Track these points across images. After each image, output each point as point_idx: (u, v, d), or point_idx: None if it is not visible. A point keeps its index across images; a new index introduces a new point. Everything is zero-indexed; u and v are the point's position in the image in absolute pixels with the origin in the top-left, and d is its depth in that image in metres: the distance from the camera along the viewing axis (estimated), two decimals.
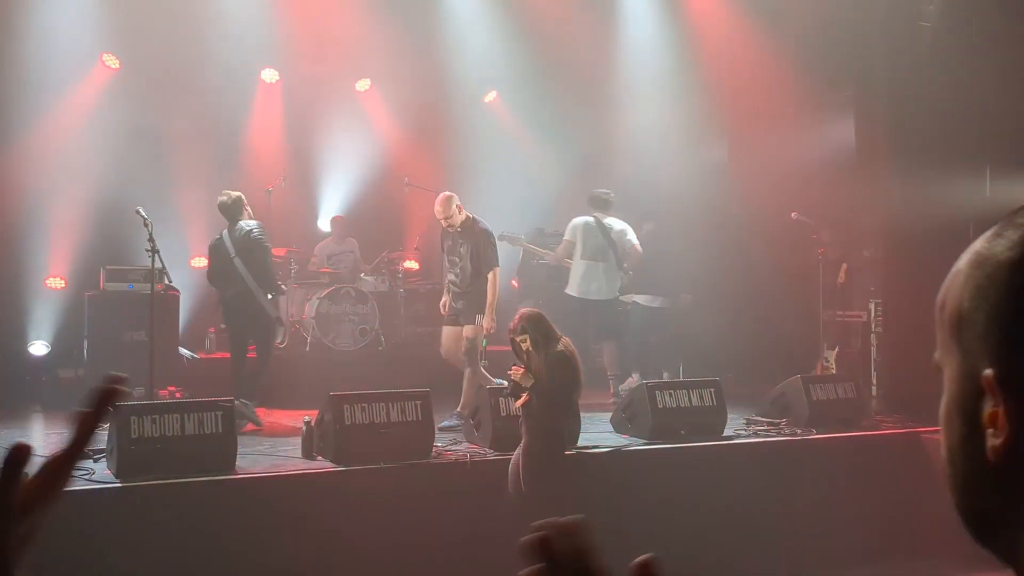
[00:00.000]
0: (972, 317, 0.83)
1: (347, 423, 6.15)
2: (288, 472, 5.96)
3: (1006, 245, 0.83)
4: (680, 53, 11.57)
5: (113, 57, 10.69)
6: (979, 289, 0.83)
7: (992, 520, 0.84)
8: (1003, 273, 0.82)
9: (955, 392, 0.85)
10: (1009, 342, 0.80)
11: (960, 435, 0.84)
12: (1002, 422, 0.79)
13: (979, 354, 0.82)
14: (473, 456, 6.39)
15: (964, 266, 0.86)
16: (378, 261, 10.94)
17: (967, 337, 0.83)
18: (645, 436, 7.06)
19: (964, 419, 0.84)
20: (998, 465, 0.80)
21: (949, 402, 0.86)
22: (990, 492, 0.82)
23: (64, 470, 0.96)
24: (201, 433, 5.69)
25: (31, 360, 9.40)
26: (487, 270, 7.73)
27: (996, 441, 0.80)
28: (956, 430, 0.85)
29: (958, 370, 0.85)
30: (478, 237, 7.80)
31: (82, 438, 0.97)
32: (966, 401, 0.83)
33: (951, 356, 0.85)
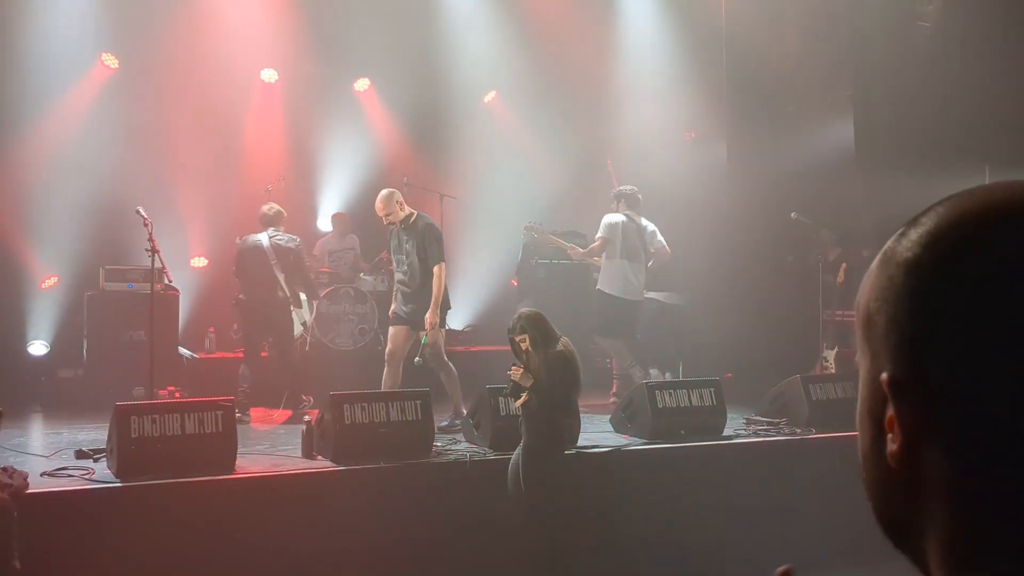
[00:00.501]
0: (875, 319, 0.81)
1: (347, 422, 6.15)
2: (288, 472, 5.96)
3: (906, 245, 0.81)
4: (679, 53, 11.60)
5: (112, 57, 10.69)
6: (881, 290, 0.81)
7: (901, 525, 0.82)
8: (900, 274, 0.80)
9: (865, 395, 0.83)
10: (902, 345, 0.78)
11: (870, 439, 0.82)
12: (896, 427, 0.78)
13: (881, 356, 0.80)
14: (472, 456, 6.40)
15: (874, 266, 0.84)
16: (377, 261, 10.93)
17: (872, 338, 0.82)
18: (645, 436, 7.07)
19: (872, 422, 0.82)
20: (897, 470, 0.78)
21: (861, 404, 0.84)
22: (895, 497, 0.81)
23: None
24: (201, 433, 5.69)
25: (30, 360, 9.41)
26: (433, 264, 7.58)
27: (893, 446, 0.78)
28: (867, 433, 0.83)
29: (867, 372, 0.83)
30: (423, 232, 7.64)
31: None
32: (874, 404, 0.81)
33: (864, 357, 0.83)
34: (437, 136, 12.21)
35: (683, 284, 10.21)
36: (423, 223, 7.72)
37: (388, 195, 7.68)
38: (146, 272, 7.82)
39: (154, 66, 10.62)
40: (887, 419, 0.79)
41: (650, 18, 11.98)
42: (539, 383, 5.48)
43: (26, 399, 8.68)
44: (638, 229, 9.11)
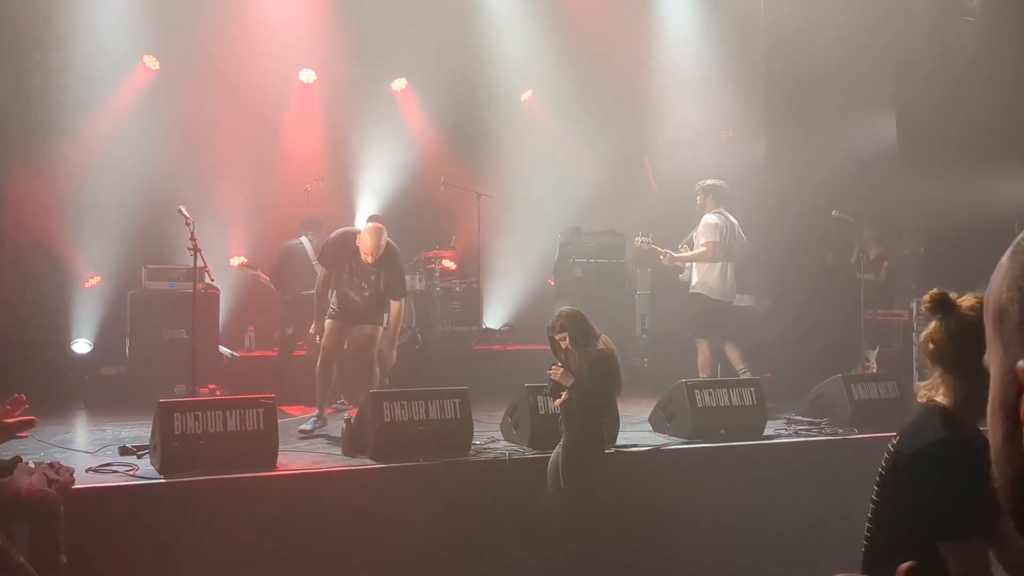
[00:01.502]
0: (1009, 309, 0.79)
1: (387, 420, 6.18)
2: (328, 469, 6.00)
3: None
4: (717, 50, 11.52)
5: (153, 59, 10.82)
6: (1014, 280, 0.79)
7: None
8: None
9: (998, 389, 0.81)
10: None
11: (1003, 434, 0.80)
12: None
13: (1016, 347, 0.77)
14: (511, 454, 6.39)
15: (1005, 259, 0.82)
16: (415, 260, 10.97)
17: (1006, 330, 0.79)
18: (684, 435, 7.03)
19: (1006, 416, 0.79)
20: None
21: (993, 400, 0.82)
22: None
23: None
24: (243, 430, 5.74)
25: (74, 358, 9.55)
26: (397, 298, 7.56)
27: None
28: (999, 429, 0.80)
29: (1000, 366, 0.80)
30: (395, 266, 7.51)
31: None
32: (1008, 398, 0.79)
33: (995, 352, 0.80)
34: (474, 135, 12.23)
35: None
36: (393, 255, 7.52)
37: (379, 233, 7.30)
38: (188, 271, 7.89)
39: (194, 68, 10.74)
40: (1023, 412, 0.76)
41: (687, 15, 11.91)
42: (579, 382, 5.46)
43: (70, 396, 8.82)
44: (731, 226, 8.85)
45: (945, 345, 2.53)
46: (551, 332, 5.70)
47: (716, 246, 8.62)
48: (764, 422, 7.30)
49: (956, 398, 2.54)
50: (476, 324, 11.12)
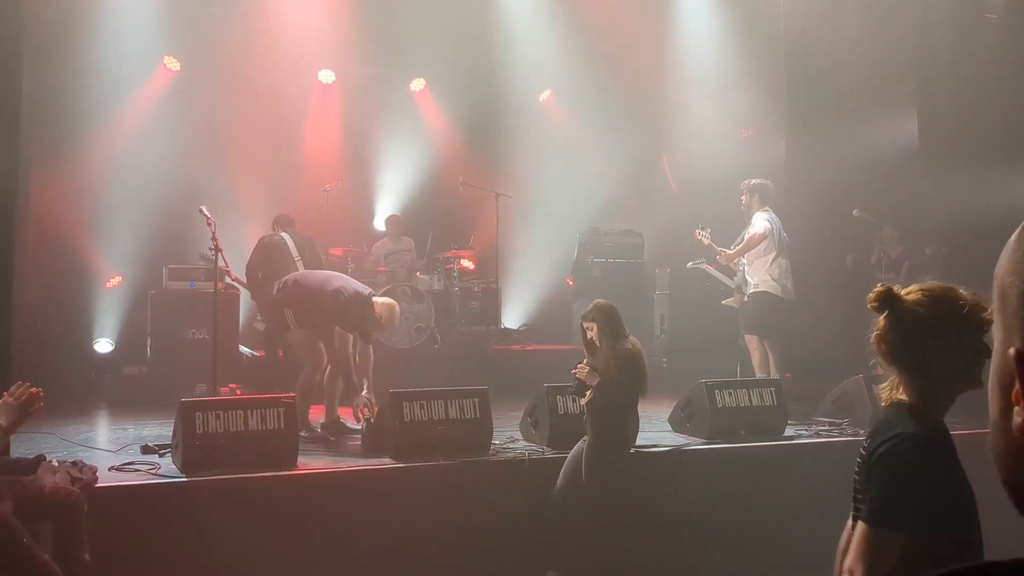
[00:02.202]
0: (1008, 293, 0.81)
1: (406, 420, 6.19)
2: (349, 468, 6.01)
3: None
4: (736, 49, 11.47)
5: (174, 60, 10.90)
6: (1016, 264, 0.81)
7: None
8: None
9: (996, 366, 0.84)
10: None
11: (999, 409, 0.83)
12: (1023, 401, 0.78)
13: (1013, 330, 0.80)
14: (531, 454, 6.39)
15: (1013, 240, 0.84)
16: (434, 260, 10.99)
17: (1007, 312, 0.81)
18: (704, 436, 7.00)
19: (1002, 393, 0.82)
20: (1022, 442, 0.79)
21: (992, 376, 0.85)
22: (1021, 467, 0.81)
23: None
24: (264, 429, 5.76)
25: (96, 358, 9.62)
26: None
27: (1018, 419, 0.78)
28: (995, 404, 0.84)
29: (1000, 344, 0.83)
30: None
31: None
32: (1004, 376, 0.81)
33: (997, 330, 0.84)
34: (492, 135, 12.25)
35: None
36: None
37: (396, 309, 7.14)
38: (208, 271, 7.94)
39: (215, 68, 10.81)
40: (1014, 393, 0.79)
41: (706, 14, 11.87)
42: (605, 381, 5.47)
43: (92, 396, 8.89)
44: (779, 225, 8.77)
45: (899, 344, 2.49)
46: (582, 320, 5.72)
47: (762, 235, 8.50)
48: (784, 422, 7.27)
49: (918, 395, 2.49)
50: (495, 324, 11.14)
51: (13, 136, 7.23)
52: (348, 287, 7.06)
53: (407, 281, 10.42)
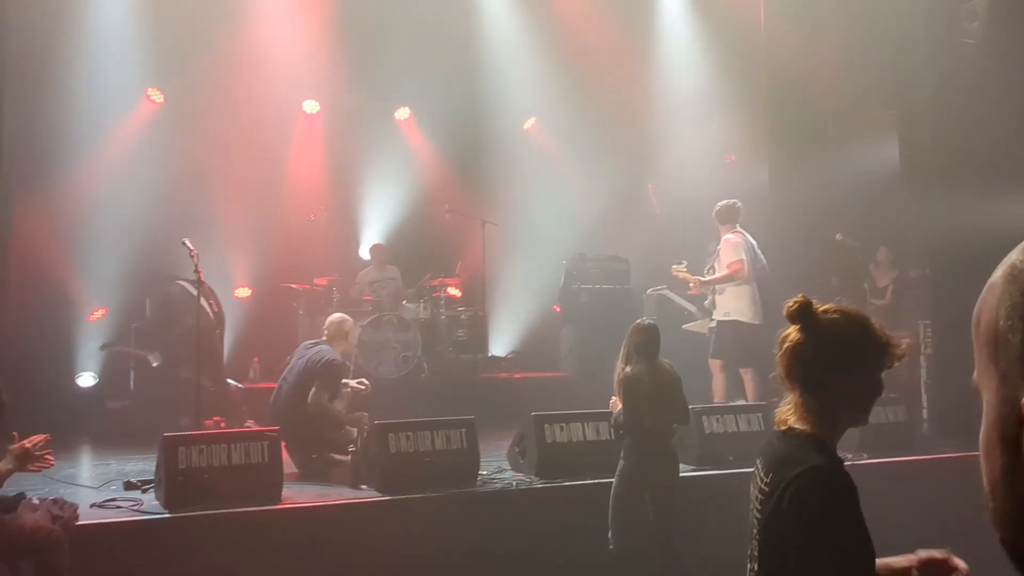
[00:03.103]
0: (1008, 338, 0.75)
1: (392, 452, 6.14)
2: (334, 502, 5.95)
3: None
4: (718, 77, 11.55)
5: (158, 91, 10.89)
6: (1015, 307, 0.75)
7: None
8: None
9: (994, 418, 0.77)
10: None
11: (1001, 466, 0.77)
12: None
13: (1018, 378, 0.74)
14: (519, 484, 6.34)
15: (999, 280, 0.77)
16: (420, 288, 10.96)
17: (1004, 358, 0.76)
18: (692, 462, 6.97)
19: (1005, 448, 0.76)
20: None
21: (988, 429, 0.78)
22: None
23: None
24: (248, 463, 5.70)
25: (79, 392, 9.52)
26: None
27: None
28: (997, 460, 0.77)
29: (996, 394, 0.77)
30: None
31: None
32: (1006, 429, 0.75)
33: (989, 378, 0.77)
34: (478, 163, 12.27)
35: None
36: None
37: None
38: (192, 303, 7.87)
39: (199, 99, 10.80)
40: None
41: (689, 43, 11.95)
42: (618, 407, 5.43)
43: (75, 431, 8.76)
44: (752, 246, 8.65)
45: (807, 362, 2.31)
46: None
47: (744, 263, 8.42)
48: None
49: (816, 423, 2.31)
50: (482, 352, 11.10)
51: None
52: None
53: (393, 310, 10.38)
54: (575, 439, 6.66)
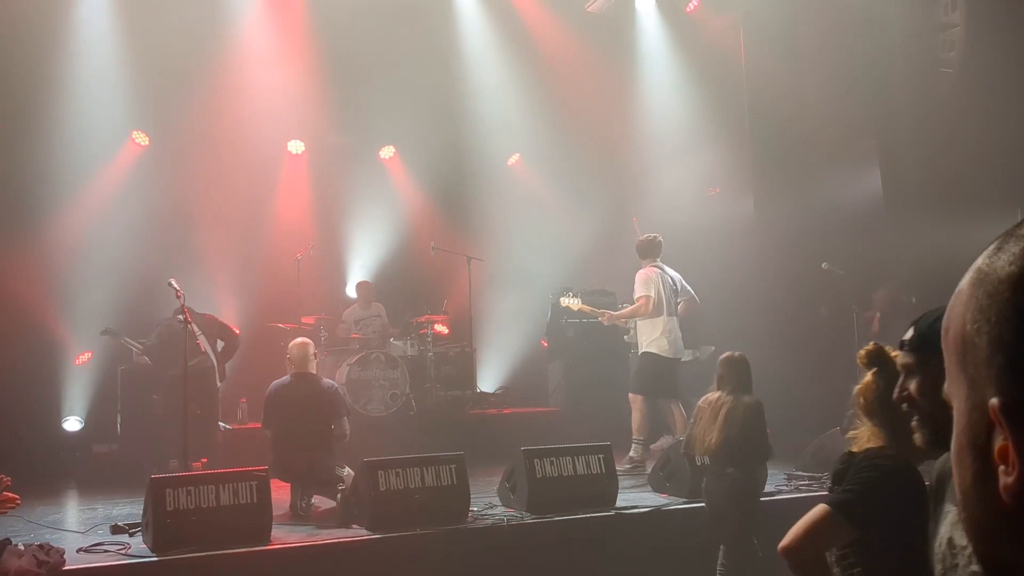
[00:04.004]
0: (975, 341, 0.74)
1: (382, 489, 6.09)
2: (324, 541, 5.89)
3: (1007, 260, 0.74)
4: (701, 110, 11.66)
5: (143, 134, 10.92)
6: (981, 310, 0.74)
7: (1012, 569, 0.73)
8: (1004, 290, 0.73)
9: (964, 426, 0.76)
10: (1014, 367, 0.71)
11: (972, 474, 0.75)
12: (1012, 457, 0.70)
13: (985, 382, 0.73)
14: (510, 520, 6.29)
15: (966, 285, 0.77)
16: (407, 325, 10.95)
17: (971, 363, 0.74)
18: (684, 495, 6.93)
19: (975, 456, 0.74)
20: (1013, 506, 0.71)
21: (958, 437, 0.77)
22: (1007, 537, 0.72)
23: None
24: (236, 504, 5.65)
25: (66, 436, 9.44)
26: None
27: (1008, 479, 0.71)
28: (968, 468, 0.76)
29: (965, 401, 0.76)
30: None
31: None
32: (976, 436, 0.74)
33: (958, 386, 0.76)
34: (463, 200, 12.31)
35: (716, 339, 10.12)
36: None
37: None
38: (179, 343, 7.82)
39: (183, 142, 10.83)
40: (998, 449, 0.72)
41: (671, 76, 12.08)
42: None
43: (62, 475, 8.69)
44: (669, 280, 8.69)
45: (878, 398, 2.61)
46: None
47: (650, 299, 8.45)
48: (765, 479, 7.21)
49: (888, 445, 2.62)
50: (470, 388, 11.06)
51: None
52: None
53: (380, 347, 10.35)
54: (565, 473, 6.62)
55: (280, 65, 11.05)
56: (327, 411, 7.02)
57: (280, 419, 7.05)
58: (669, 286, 8.63)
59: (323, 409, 7.01)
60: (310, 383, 7.12)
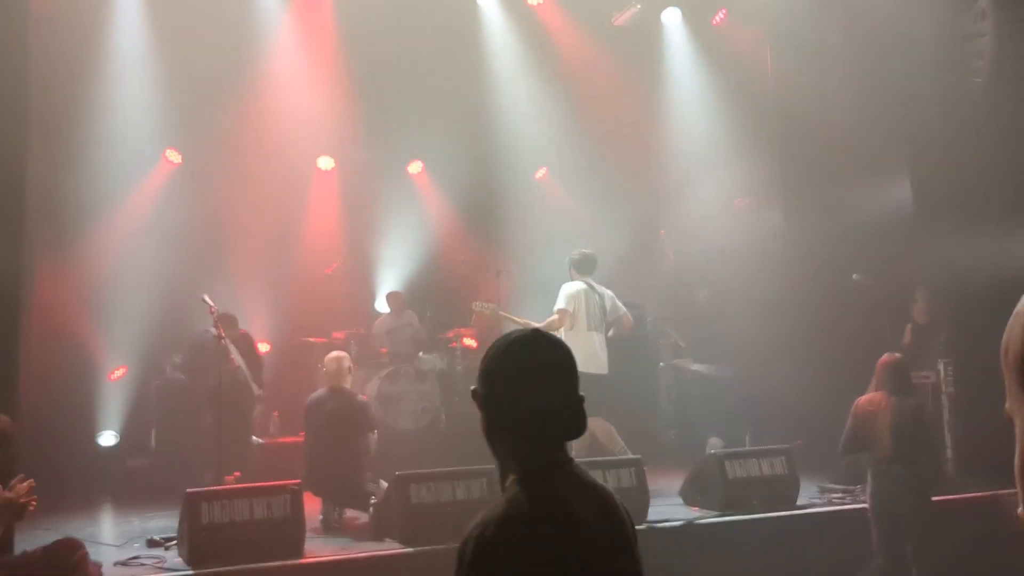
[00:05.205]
0: None
1: (413, 502, 6.12)
2: (356, 555, 5.93)
3: None
4: (728, 122, 11.63)
5: (175, 152, 11.06)
6: None
7: None
8: None
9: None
10: None
11: None
12: None
13: None
14: None
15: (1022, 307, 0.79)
16: (436, 339, 10.98)
17: None
18: (716, 508, 6.91)
19: None
20: None
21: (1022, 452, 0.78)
22: None
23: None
24: (270, 517, 5.70)
25: (101, 451, 9.54)
26: None
27: None
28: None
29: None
30: None
31: None
32: None
33: (1020, 404, 0.77)
34: (491, 213, 12.33)
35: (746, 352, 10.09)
36: None
37: None
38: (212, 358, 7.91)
39: (215, 159, 10.96)
40: None
41: (698, 88, 12.06)
42: None
43: (97, 490, 8.79)
44: (597, 297, 8.58)
45: None
46: None
47: (566, 314, 8.32)
48: (797, 491, 7.18)
49: None
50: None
51: (18, 231, 7.31)
52: None
53: (410, 362, 10.38)
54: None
55: (309, 83, 11.15)
56: (360, 426, 7.08)
57: (314, 433, 7.12)
58: (595, 302, 8.51)
59: (356, 424, 7.07)
60: (343, 397, 7.17)
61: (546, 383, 2.00)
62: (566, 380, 2.04)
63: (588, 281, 8.61)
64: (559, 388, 2.01)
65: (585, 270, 8.66)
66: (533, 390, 1.98)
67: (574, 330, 8.35)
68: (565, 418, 2.02)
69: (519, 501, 1.94)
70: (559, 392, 2.01)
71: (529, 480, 1.98)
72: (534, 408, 1.98)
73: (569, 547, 1.88)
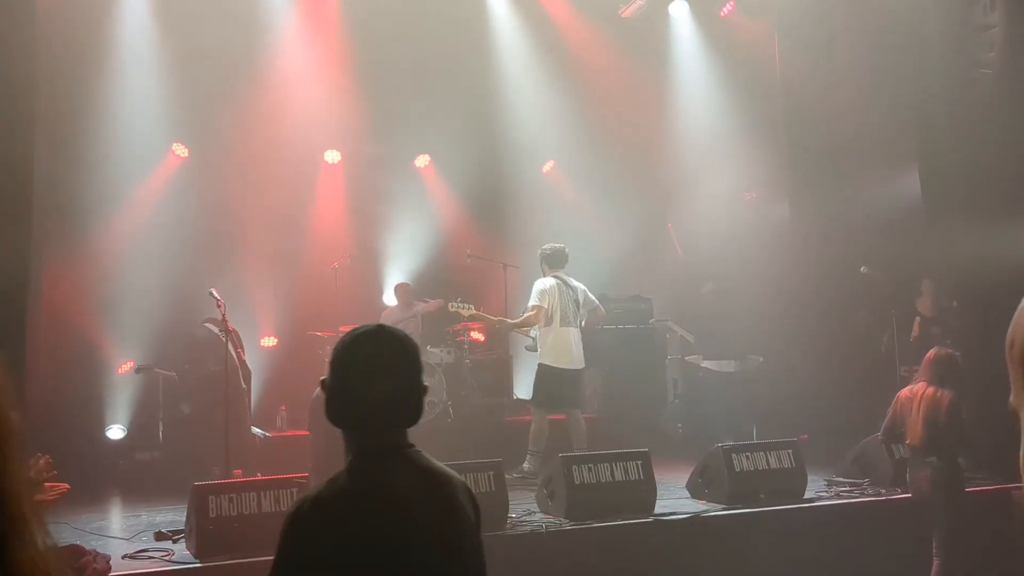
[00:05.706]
0: None
1: None
2: None
3: None
4: (736, 115, 11.61)
5: (182, 146, 11.07)
6: None
7: None
8: None
9: None
10: None
11: None
12: None
13: None
14: (548, 526, 6.30)
15: None
16: (443, 333, 10.98)
17: None
18: (723, 501, 6.90)
19: None
20: None
21: None
22: None
23: None
24: (278, 511, 5.70)
25: (108, 444, 9.58)
26: None
27: None
28: None
29: None
30: None
31: None
32: None
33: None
34: (497, 207, 12.34)
35: (751, 345, 10.07)
36: None
37: None
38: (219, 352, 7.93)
39: (222, 153, 10.97)
40: None
41: (706, 81, 12.04)
42: None
43: (105, 483, 8.82)
44: (571, 291, 8.58)
45: None
46: None
47: (541, 311, 8.33)
48: (804, 485, 7.16)
49: None
50: (507, 395, 11.07)
51: (26, 226, 7.32)
52: None
53: None
54: (603, 480, 6.61)
55: (316, 76, 11.16)
56: None
57: (322, 426, 7.12)
58: (569, 297, 8.52)
59: None
60: None
61: (382, 374, 2.16)
62: (403, 372, 2.21)
63: (560, 276, 8.59)
64: (393, 379, 2.18)
65: (556, 264, 8.66)
66: (368, 381, 2.16)
67: (549, 326, 8.37)
68: (399, 407, 2.20)
69: (339, 482, 2.11)
70: (392, 383, 2.18)
71: (358, 464, 2.16)
72: (368, 398, 2.16)
73: (377, 529, 2.03)
